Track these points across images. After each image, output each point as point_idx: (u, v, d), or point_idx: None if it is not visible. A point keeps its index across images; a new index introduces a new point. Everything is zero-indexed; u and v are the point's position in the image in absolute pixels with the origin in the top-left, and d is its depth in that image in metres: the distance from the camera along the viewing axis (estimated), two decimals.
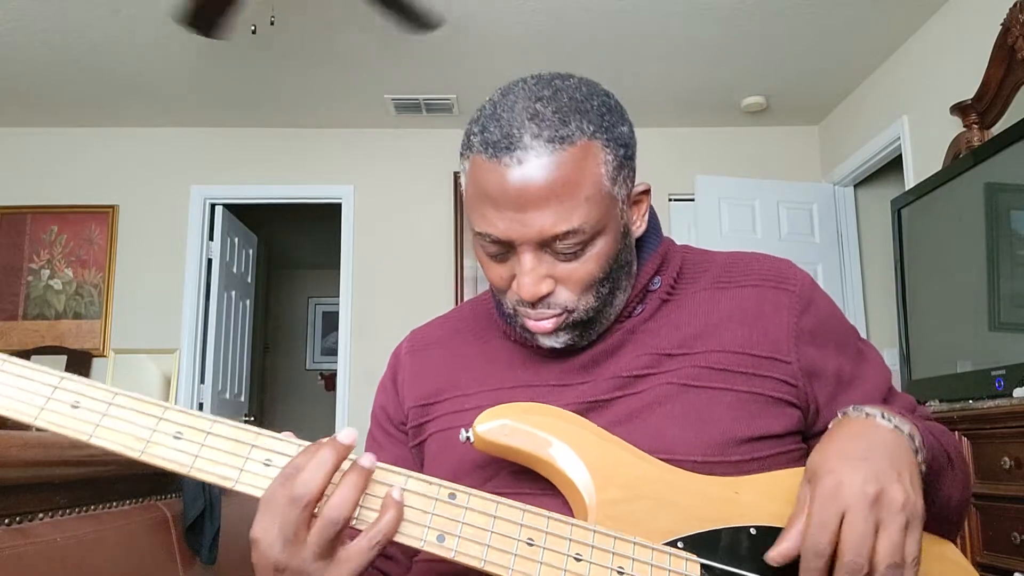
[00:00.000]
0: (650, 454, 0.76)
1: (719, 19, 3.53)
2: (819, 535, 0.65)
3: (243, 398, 5.23)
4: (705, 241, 4.18)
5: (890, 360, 3.41)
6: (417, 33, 3.13)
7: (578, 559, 0.67)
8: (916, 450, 0.72)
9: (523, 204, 0.75)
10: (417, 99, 4.35)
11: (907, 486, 0.66)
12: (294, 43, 3.71)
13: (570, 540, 0.68)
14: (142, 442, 0.67)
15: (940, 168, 3.19)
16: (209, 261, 4.70)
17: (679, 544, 0.70)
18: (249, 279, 5.39)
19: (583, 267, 0.78)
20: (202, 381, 4.58)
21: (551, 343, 0.82)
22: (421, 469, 0.88)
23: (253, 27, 3.09)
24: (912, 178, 3.61)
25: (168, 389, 4.42)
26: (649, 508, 0.72)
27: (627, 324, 0.85)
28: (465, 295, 4.53)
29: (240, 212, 5.07)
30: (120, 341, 4.47)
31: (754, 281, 0.86)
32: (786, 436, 0.81)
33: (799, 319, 0.84)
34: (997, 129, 2.93)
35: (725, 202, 4.35)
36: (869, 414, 0.73)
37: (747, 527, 0.72)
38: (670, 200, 4.59)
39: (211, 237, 4.71)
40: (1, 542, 0.94)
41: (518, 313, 0.82)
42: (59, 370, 0.69)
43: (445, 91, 4.27)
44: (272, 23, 3.09)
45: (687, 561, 0.69)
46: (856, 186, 4.57)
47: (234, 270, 5.05)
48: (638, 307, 0.86)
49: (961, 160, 2.94)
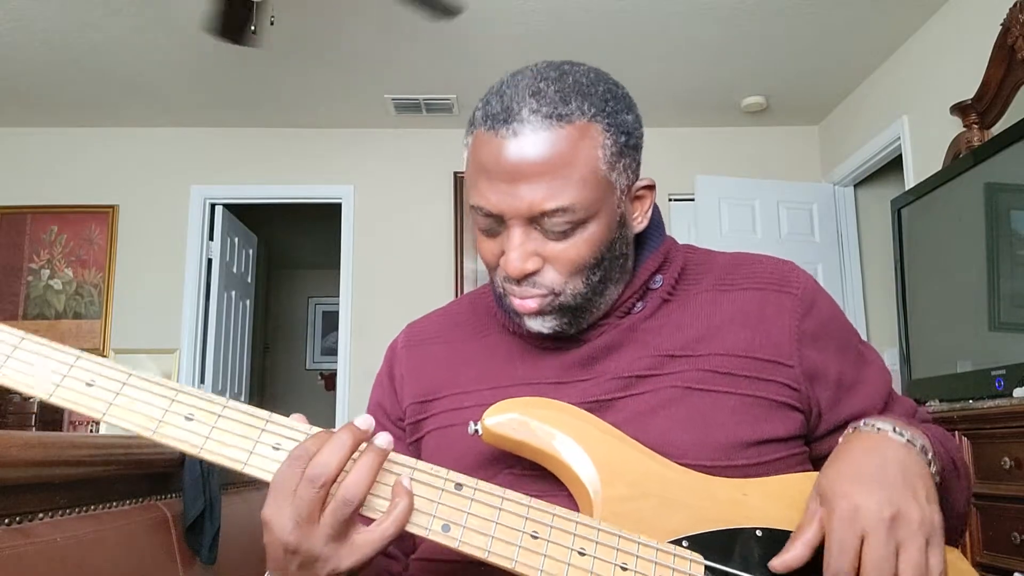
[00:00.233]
0: None
1: (719, 19, 3.53)
2: (840, 560, 0.65)
3: (243, 398, 5.24)
4: (705, 241, 4.18)
5: (890, 360, 3.41)
6: (439, 20, 3.11)
7: (582, 553, 0.67)
8: (929, 462, 0.72)
9: (515, 177, 0.75)
10: (417, 99, 4.35)
11: (923, 503, 0.67)
12: (294, 43, 3.71)
13: (574, 535, 0.68)
14: (154, 422, 0.67)
15: (940, 168, 3.19)
16: (209, 261, 4.70)
17: (684, 543, 0.70)
18: (249, 279, 5.39)
19: (573, 249, 0.77)
20: (202, 381, 4.58)
21: (537, 327, 0.81)
22: None
23: (253, 27, 3.09)
24: (912, 178, 3.61)
25: None
26: (655, 506, 0.72)
27: (627, 321, 0.84)
28: None
29: (240, 212, 5.07)
30: (120, 341, 4.48)
31: (757, 284, 0.86)
32: (789, 440, 0.81)
33: (801, 322, 0.83)
34: (997, 129, 2.93)
35: (725, 202, 4.35)
36: (881, 428, 0.73)
37: (753, 529, 0.72)
38: (670, 200, 4.59)
39: (211, 237, 4.71)
40: (1, 542, 0.94)
41: (506, 292, 0.81)
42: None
43: (445, 91, 4.27)
44: (272, 23, 3.09)
45: (691, 561, 0.69)
46: (856, 186, 4.57)
47: (234, 270, 5.05)
48: (638, 304, 0.85)
49: (961, 160, 2.94)
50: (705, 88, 4.24)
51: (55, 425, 3.96)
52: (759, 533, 0.71)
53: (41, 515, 1.06)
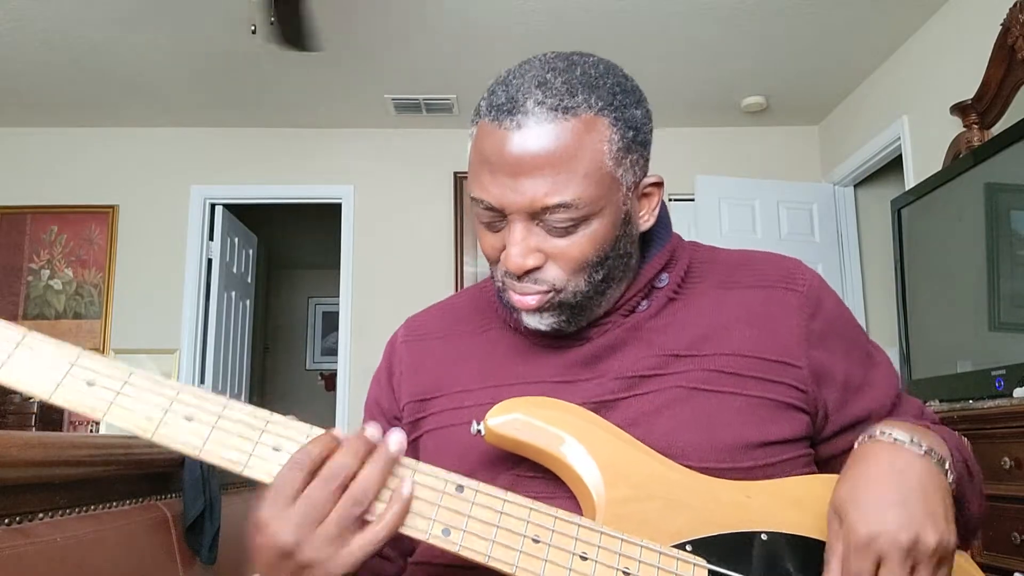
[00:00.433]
0: None
1: (719, 19, 3.53)
2: None
3: (243, 398, 5.21)
4: (705, 241, 4.17)
5: None
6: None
7: (584, 558, 0.66)
8: (947, 472, 0.71)
9: (518, 170, 0.73)
10: (417, 99, 4.34)
11: (940, 525, 0.66)
12: None
13: (576, 539, 0.67)
14: (153, 422, 0.66)
15: (940, 168, 3.18)
16: (209, 261, 4.70)
17: (687, 547, 0.69)
18: (249, 279, 5.39)
19: (576, 246, 0.75)
20: (202, 381, 4.58)
21: (535, 323, 0.80)
22: None
23: (253, 27, 3.09)
24: (912, 178, 3.61)
25: None
26: (658, 508, 0.71)
27: (631, 320, 0.82)
28: None
29: (240, 212, 5.07)
30: (120, 341, 4.47)
31: (762, 282, 0.84)
32: (796, 442, 0.79)
33: (809, 322, 0.82)
34: (997, 129, 2.93)
35: (725, 202, 4.35)
36: (898, 439, 0.71)
37: (758, 532, 0.71)
38: (670, 200, 4.59)
39: (211, 237, 4.71)
40: (1, 542, 0.94)
41: (506, 286, 0.79)
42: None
43: (445, 91, 4.26)
44: (272, 23, 3.09)
45: (695, 566, 0.68)
46: (856, 186, 4.56)
47: (234, 270, 5.05)
48: (642, 303, 0.83)
49: (961, 160, 2.94)
50: (705, 88, 4.24)
51: (55, 425, 3.96)
52: (764, 537, 0.71)
53: (41, 515, 1.06)
